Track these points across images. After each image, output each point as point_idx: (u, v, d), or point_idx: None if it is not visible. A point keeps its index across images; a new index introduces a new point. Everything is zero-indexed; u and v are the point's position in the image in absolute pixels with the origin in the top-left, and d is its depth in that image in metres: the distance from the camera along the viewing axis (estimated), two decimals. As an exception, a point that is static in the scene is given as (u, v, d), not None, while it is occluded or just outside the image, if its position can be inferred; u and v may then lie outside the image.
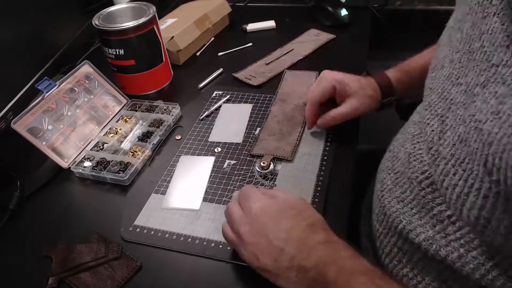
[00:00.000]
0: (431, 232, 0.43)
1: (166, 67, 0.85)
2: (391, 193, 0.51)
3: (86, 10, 0.93)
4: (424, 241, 0.43)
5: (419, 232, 0.44)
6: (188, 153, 0.67)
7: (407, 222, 0.46)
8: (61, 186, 0.65)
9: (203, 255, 0.51)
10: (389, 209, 0.50)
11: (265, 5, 1.14)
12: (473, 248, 0.39)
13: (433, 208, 0.43)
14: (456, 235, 0.40)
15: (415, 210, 0.46)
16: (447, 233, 0.41)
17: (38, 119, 0.66)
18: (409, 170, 0.47)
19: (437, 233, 0.42)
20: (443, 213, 0.42)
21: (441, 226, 0.42)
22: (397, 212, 0.48)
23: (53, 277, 0.50)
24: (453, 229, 0.41)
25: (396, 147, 0.53)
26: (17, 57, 0.73)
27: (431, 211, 0.43)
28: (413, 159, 0.46)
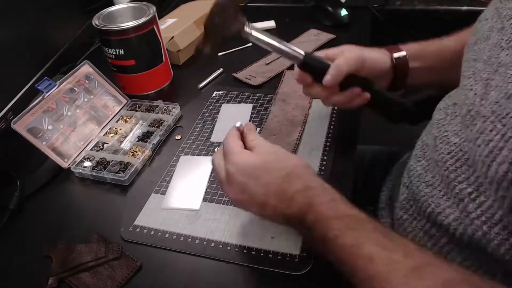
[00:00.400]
0: (457, 212, 0.44)
1: (166, 67, 0.85)
2: (420, 178, 0.51)
3: (86, 10, 0.93)
4: (453, 222, 0.44)
5: (448, 213, 0.45)
6: (188, 153, 0.67)
7: (436, 204, 0.47)
8: (61, 186, 0.65)
9: (203, 255, 0.51)
10: (417, 194, 0.51)
11: (265, 5, 1.14)
12: (494, 223, 0.40)
13: (455, 187, 0.44)
14: (477, 212, 0.41)
15: (443, 192, 0.47)
16: (469, 211, 0.42)
17: (38, 119, 0.66)
18: (435, 153, 0.48)
19: (461, 212, 0.43)
20: (463, 191, 0.43)
21: (463, 204, 0.43)
22: (426, 196, 0.49)
23: (53, 277, 0.50)
24: (474, 206, 0.42)
25: (425, 135, 0.54)
26: (17, 57, 0.73)
27: (453, 190, 0.44)
28: (439, 141, 0.48)
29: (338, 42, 0.93)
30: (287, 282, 0.48)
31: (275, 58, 0.89)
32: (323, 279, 0.48)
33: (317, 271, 0.48)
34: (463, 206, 0.43)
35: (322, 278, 0.48)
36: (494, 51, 0.41)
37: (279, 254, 0.50)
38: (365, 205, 0.59)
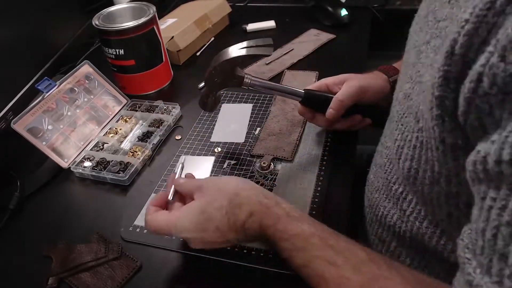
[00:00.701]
0: (398, 212, 0.47)
1: (166, 67, 0.85)
2: (372, 185, 0.54)
3: (86, 10, 0.93)
4: (397, 221, 0.47)
5: (392, 214, 0.48)
6: (188, 153, 0.67)
7: (384, 208, 0.50)
8: (61, 186, 0.65)
9: (203, 255, 0.51)
10: (372, 201, 0.53)
11: (265, 5, 1.14)
12: (422, 218, 0.43)
13: (391, 188, 0.47)
14: (409, 209, 0.44)
15: (385, 194, 0.50)
16: (404, 209, 0.45)
17: (38, 119, 0.66)
18: (380, 159, 0.51)
19: (399, 210, 0.46)
20: (397, 191, 0.46)
21: (399, 203, 0.46)
22: (376, 201, 0.52)
23: (53, 277, 0.50)
24: (406, 204, 0.45)
25: (379, 144, 0.57)
26: (17, 57, 0.73)
27: (391, 191, 0.47)
28: (383, 147, 0.51)
29: (338, 42, 0.93)
30: (287, 282, 0.48)
31: (275, 58, 0.89)
32: (323, 279, 0.48)
33: (317, 271, 0.48)
34: (400, 205, 0.46)
35: (322, 278, 0.48)
36: (410, 52, 0.44)
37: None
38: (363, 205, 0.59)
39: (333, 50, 0.91)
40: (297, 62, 0.87)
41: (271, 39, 0.59)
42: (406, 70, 0.43)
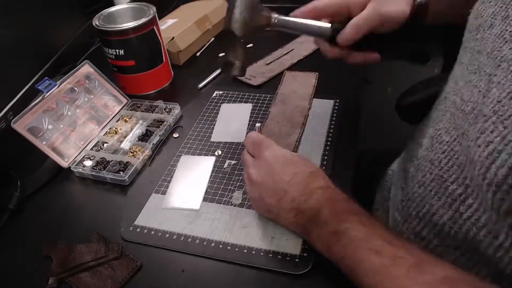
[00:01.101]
0: (450, 212, 0.44)
1: (166, 68, 0.85)
2: (413, 179, 0.51)
3: (87, 11, 0.93)
4: (448, 221, 0.44)
5: (442, 213, 0.45)
6: (189, 153, 0.67)
7: (430, 205, 0.47)
8: (61, 186, 0.65)
9: (203, 255, 0.51)
10: (412, 195, 0.51)
11: (265, 5, 1.14)
12: (481, 226, 0.40)
13: (448, 187, 0.44)
14: (467, 213, 0.41)
15: (433, 191, 0.47)
16: (461, 211, 0.42)
17: (38, 119, 0.66)
18: (431, 153, 0.48)
19: (454, 212, 0.43)
20: (455, 192, 0.43)
21: (455, 205, 0.43)
22: (420, 196, 0.49)
23: (53, 277, 0.50)
24: (464, 207, 0.42)
25: (420, 136, 0.54)
26: (17, 57, 0.73)
27: (446, 190, 0.44)
28: (435, 141, 0.48)
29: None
30: (287, 282, 0.48)
31: (275, 58, 0.89)
32: (323, 279, 0.48)
33: (317, 271, 0.48)
34: (456, 207, 0.43)
35: (322, 278, 0.48)
36: (497, 42, 0.39)
37: (279, 254, 0.50)
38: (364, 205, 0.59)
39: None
40: (297, 62, 0.87)
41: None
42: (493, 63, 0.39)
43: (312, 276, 0.48)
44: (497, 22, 0.40)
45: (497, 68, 0.37)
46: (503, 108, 0.35)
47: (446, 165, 0.44)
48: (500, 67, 0.37)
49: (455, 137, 0.43)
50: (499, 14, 0.40)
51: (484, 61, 0.40)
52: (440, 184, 0.45)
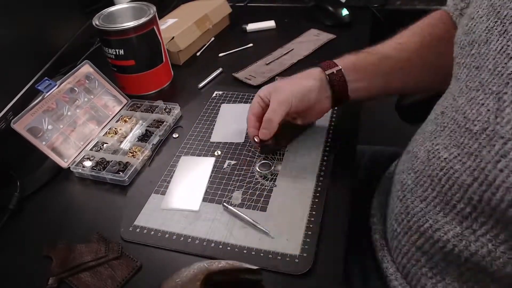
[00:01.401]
0: (458, 229, 0.43)
1: (166, 67, 0.85)
2: (413, 193, 0.50)
3: (87, 11, 0.93)
4: (453, 238, 0.43)
5: (447, 229, 0.44)
6: (188, 154, 0.67)
7: (434, 221, 0.46)
8: (61, 186, 0.65)
9: (203, 255, 0.51)
10: (412, 209, 0.50)
11: (265, 5, 1.14)
12: (499, 243, 0.39)
13: (455, 206, 0.43)
14: (482, 230, 0.40)
15: (438, 208, 0.45)
16: (474, 228, 0.41)
17: (38, 119, 0.66)
18: (429, 168, 0.47)
19: (465, 229, 0.42)
20: (464, 210, 0.42)
21: (467, 222, 0.42)
22: (422, 211, 0.48)
23: (53, 277, 0.50)
24: (477, 225, 0.41)
25: (415, 147, 0.53)
26: (17, 57, 0.73)
27: (454, 208, 0.43)
28: (432, 156, 0.46)
29: (338, 42, 0.93)
30: (287, 282, 0.48)
31: (275, 58, 0.89)
32: (323, 279, 0.48)
33: (317, 271, 0.48)
34: (468, 224, 0.42)
35: (322, 278, 0.48)
36: (500, 59, 0.38)
37: (279, 255, 0.50)
38: (362, 206, 0.59)
39: (333, 50, 0.91)
40: (297, 62, 0.87)
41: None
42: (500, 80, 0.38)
43: (312, 276, 0.48)
44: (494, 38, 0.39)
45: (507, 86, 0.37)
46: None
47: (447, 183, 0.43)
48: (509, 84, 0.36)
49: (456, 155, 0.42)
50: (495, 29, 0.39)
51: (487, 78, 0.39)
52: (446, 202, 0.44)
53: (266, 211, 0.56)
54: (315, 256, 0.49)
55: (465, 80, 0.43)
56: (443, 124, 0.46)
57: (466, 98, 0.42)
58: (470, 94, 0.41)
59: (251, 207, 0.56)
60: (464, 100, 0.42)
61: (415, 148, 0.52)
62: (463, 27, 0.45)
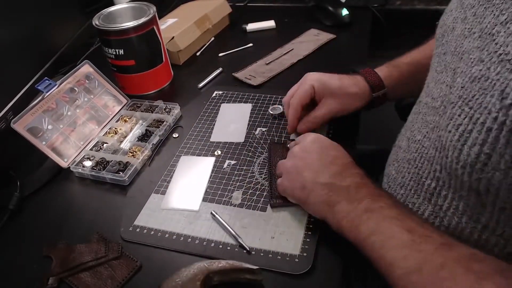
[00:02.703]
0: (430, 207, 0.46)
1: (166, 67, 0.85)
2: (395, 181, 0.53)
3: (87, 11, 0.93)
4: (429, 216, 0.46)
5: (423, 209, 0.47)
6: (188, 153, 0.67)
7: (412, 204, 0.49)
8: (61, 186, 0.65)
9: (203, 255, 0.51)
10: (395, 197, 0.52)
11: (265, 5, 1.14)
12: (461, 214, 0.42)
13: (424, 183, 0.46)
14: (446, 204, 0.43)
15: (413, 190, 0.49)
16: (439, 204, 0.44)
17: (38, 119, 0.66)
18: (408, 153, 0.50)
19: (434, 206, 0.45)
20: (430, 186, 0.45)
21: (434, 199, 0.45)
22: (402, 198, 0.51)
23: (53, 277, 0.50)
24: (441, 199, 0.44)
25: (400, 139, 0.56)
26: (17, 57, 0.73)
27: (423, 186, 0.46)
28: (410, 142, 0.50)
29: (338, 42, 0.93)
30: (286, 282, 0.48)
31: (275, 58, 0.89)
32: (323, 279, 0.48)
33: (316, 271, 0.48)
34: (434, 200, 0.45)
35: (322, 278, 0.48)
36: (459, 41, 0.42)
37: (279, 254, 0.50)
38: None
39: (333, 50, 0.91)
40: (297, 62, 0.87)
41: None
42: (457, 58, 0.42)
43: (312, 276, 0.48)
44: (458, 25, 0.44)
45: (460, 61, 0.41)
46: (467, 91, 0.38)
47: (419, 162, 0.47)
48: (462, 59, 0.41)
49: (425, 133, 0.46)
50: (459, 18, 0.44)
51: (449, 59, 0.44)
52: (418, 182, 0.47)
53: (266, 211, 0.56)
54: (315, 256, 0.49)
55: (435, 67, 0.48)
56: (418, 111, 0.50)
57: (434, 81, 0.47)
58: (437, 77, 0.46)
59: (251, 207, 0.56)
60: (433, 83, 0.47)
61: (399, 141, 0.56)
62: (440, 22, 0.50)
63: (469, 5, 0.42)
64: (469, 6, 0.42)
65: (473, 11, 0.41)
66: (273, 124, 0.71)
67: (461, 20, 0.43)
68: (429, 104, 0.47)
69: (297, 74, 0.84)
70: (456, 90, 0.39)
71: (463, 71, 0.39)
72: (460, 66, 0.41)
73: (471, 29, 0.41)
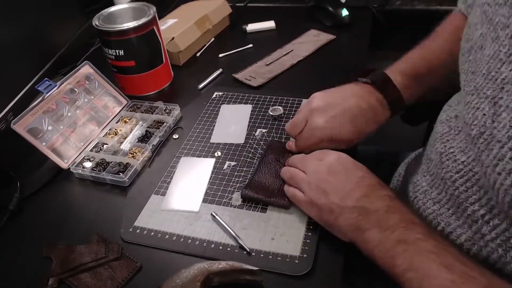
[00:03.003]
0: (469, 233, 0.43)
1: (166, 68, 0.85)
2: (426, 195, 0.50)
3: (87, 11, 0.93)
4: (465, 242, 0.43)
5: (459, 233, 0.44)
6: (188, 154, 0.67)
7: (446, 223, 0.46)
8: (61, 186, 0.65)
9: (203, 256, 0.51)
10: (424, 211, 0.50)
11: (265, 5, 1.14)
12: (510, 247, 0.39)
13: (467, 208, 0.42)
14: (492, 234, 0.40)
15: (451, 211, 0.45)
16: (483, 233, 0.41)
17: (38, 120, 0.66)
18: (442, 171, 0.46)
19: (474, 233, 0.42)
20: (476, 213, 0.41)
21: (476, 226, 0.42)
22: (434, 213, 0.48)
23: (53, 278, 0.50)
24: (488, 228, 0.40)
25: (428, 149, 0.53)
26: (17, 58, 0.73)
27: (465, 211, 0.43)
28: (445, 158, 0.46)
29: (338, 43, 0.93)
30: (287, 283, 0.48)
31: (275, 59, 0.89)
32: (323, 280, 0.48)
33: (317, 272, 0.48)
34: (477, 228, 0.41)
35: (322, 279, 0.48)
36: (493, 64, 0.38)
37: (279, 255, 0.50)
38: None
39: (333, 51, 0.91)
40: (297, 63, 0.87)
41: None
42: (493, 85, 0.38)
43: (312, 277, 0.48)
44: (488, 43, 0.40)
45: (501, 91, 0.37)
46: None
47: (463, 186, 0.43)
48: (504, 89, 0.37)
49: (474, 157, 0.41)
50: (488, 35, 0.40)
51: (481, 82, 0.40)
52: (458, 205, 0.44)
53: (266, 212, 0.56)
54: (315, 256, 0.49)
55: (463, 85, 0.44)
56: (458, 127, 0.45)
57: (463, 102, 0.42)
58: (466, 98, 0.42)
59: (251, 208, 0.56)
60: (462, 104, 0.43)
61: (428, 150, 0.53)
62: (464, 35, 0.46)
63: (501, 24, 0.38)
64: (502, 25, 0.38)
65: (509, 32, 0.37)
66: (273, 125, 0.71)
67: (491, 39, 0.39)
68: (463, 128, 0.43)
69: (297, 75, 0.84)
70: (504, 128, 0.36)
71: (509, 105, 0.36)
72: (503, 98, 0.36)
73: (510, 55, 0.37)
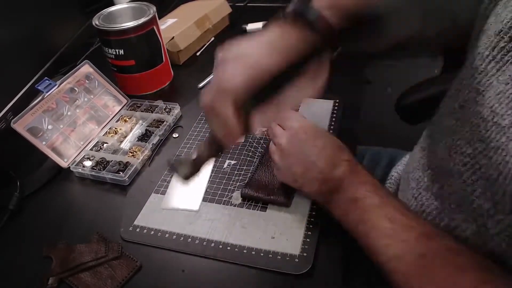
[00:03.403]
0: (475, 226, 0.43)
1: (166, 67, 0.85)
2: (428, 190, 0.50)
3: (87, 11, 0.93)
4: (471, 236, 0.43)
5: (465, 227, 0.44)
6: (188, 153, 0.67)
7: (450, 219, 0.46)
8: (61, 186, 0.65)
9: (203, 255, 0.51)
10: (428, 207, 0.49)
11: (265, 5, 1.14)
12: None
13: (473, 201, 0.42)
14: (497, 229, 0.40)
15: (454, 205, 0.45)
16: (488, 227, 0.41)
17: (38, 119, 0.66)
18: (449, 164, 0.46)
19: (479, 227, 0.42)
20: (482, 206, 0.41)
21: (482, 220, 0.42)
22: (437, 209, 0.48)
23: (53, 277, 0.50)
24: (493, 223, 0.40)
25: (431, 144, 0.52)
26: (17, 57, 0.73)
27: (471, 204, 0.42)
28: (453, 152, 0.45)
29: (338, 42, 0.93)
30: (287, 282, 0.48)
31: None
32: (323, 279, 0.48)
33: (317, 271, 0.48)
34: (483, 222, 0.41)
35: (322, 278, 0.48)
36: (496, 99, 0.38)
37: (279, 254, 0.50)
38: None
39: (333, 50, 0.91)
40: (297, 62, 0.87)
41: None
42: None
43: (312, 276, 0.48)
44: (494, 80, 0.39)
45: None
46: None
47: (470, 179, 0.42)
48: None
49: (481, 149, 0.41)
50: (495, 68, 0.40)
51: None
52: (463, 199, 0.43)
53: (266, 211, 0.56)
54: (315, 255, 0.49)
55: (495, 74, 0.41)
56: (465, 118, 0.44)
57: (494, 92, 0.40)
58: (499, 87, 0.40)
59: (251, 207, 0.56)
60: (492, 94, 0.40)
61: (431, 145, 0.52)
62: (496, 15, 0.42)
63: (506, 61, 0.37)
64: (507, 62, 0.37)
65: None
66: (273, 124, 0.71)
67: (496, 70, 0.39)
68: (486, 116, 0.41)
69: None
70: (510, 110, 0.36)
71: None
72: None
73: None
